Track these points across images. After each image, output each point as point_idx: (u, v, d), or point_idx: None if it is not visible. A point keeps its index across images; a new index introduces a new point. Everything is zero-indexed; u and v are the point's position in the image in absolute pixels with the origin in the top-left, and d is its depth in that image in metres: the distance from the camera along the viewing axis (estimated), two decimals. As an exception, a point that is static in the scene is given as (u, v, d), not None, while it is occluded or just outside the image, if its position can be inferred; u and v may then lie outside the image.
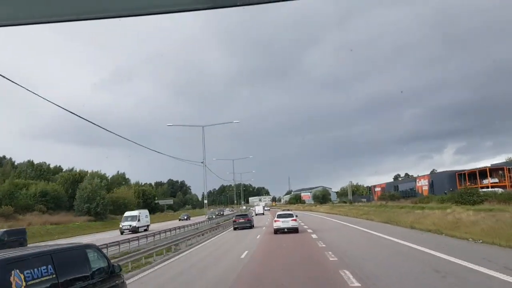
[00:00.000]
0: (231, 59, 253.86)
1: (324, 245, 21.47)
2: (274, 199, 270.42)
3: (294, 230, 29.72)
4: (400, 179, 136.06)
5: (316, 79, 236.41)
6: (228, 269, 15.79)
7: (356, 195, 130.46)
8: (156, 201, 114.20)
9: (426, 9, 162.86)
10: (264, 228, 39.73)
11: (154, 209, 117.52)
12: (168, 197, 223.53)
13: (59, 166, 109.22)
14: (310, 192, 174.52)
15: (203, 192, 69.85)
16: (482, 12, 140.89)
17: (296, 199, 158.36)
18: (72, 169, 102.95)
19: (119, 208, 79.00)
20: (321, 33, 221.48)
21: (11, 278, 5.35)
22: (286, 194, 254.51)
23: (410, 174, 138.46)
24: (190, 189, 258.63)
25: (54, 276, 6.29)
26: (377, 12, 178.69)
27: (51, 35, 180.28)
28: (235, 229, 39.43)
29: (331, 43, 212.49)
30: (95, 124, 19.02)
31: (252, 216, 47.16)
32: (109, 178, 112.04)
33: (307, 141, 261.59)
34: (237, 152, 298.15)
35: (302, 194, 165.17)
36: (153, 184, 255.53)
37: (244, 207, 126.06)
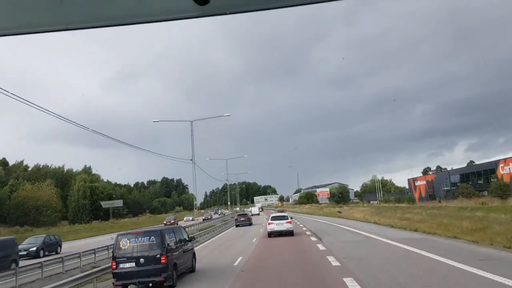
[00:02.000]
0: (238, 57, 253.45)
1: None
2: (281, 199, 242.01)
3: (289, 233, 28.77)
4: (445, 169, 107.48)
5: (324, 76, 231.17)
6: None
7: (382, 193, 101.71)
8: (113, 203, 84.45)
9: (435, 2, 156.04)
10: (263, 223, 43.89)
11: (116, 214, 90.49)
12: (162, 197, 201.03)
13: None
14: (323, 189, 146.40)
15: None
16: (495, 6, 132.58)
17: (308, 198, 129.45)
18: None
19: (27, 215, 51.24)
20: (329, 29, 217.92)
21: (166, 237, 13.66)
22: (295, 192, 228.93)
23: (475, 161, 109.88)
24: (187, 188, 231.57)
25: (174, 237, 14.94)
26: (385, 5, 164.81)
27: (61, 38, 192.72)
28: (237, 226, 47.83)
29: (339, 39, 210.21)
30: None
31: (251, 215, 58.49)
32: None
33: (316, 139, 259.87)
34: (244, 151, 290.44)
35: (318, 191, 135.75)
36: (145, 183, 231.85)
37: (238, 208, 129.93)
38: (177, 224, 55.60)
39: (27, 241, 30.04)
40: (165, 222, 61.20)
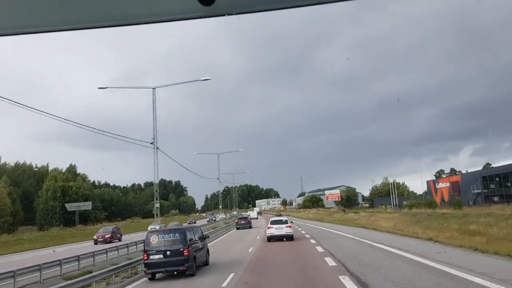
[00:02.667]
0: (243, 58, 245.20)
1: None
2: (284, 202, 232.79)
3: (289, 238, 28.17)
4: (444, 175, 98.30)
5: (330, 78, 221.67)
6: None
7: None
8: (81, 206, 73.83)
9: (442, 4, 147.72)
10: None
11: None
12: (161, 199, 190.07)
13: None
14: (332, 191, 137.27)
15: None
16: (501, 8, 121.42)
17: (313, 202, 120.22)
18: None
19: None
20: (335, 30, 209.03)
21: (187, 234, 16.42)
22: (299, 196, 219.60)
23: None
24: (186, 191, 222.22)
25: (194, 235, 17.51)
26: (392, 6, 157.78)
27: (66, 37, 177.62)
28: (237, 228, 50.41)
29: (345, 40, 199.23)
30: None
31: (255, 217, 72.99)
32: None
33: (320, 141, 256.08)
34: (245, 153, 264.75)
35: (327, 194, 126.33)
36: (142, 185, 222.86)
37: (235, 212, 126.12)
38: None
39: None
40: (150, 228, 51.20)
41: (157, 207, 42.99)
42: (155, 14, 1.40)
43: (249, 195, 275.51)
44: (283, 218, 31.83)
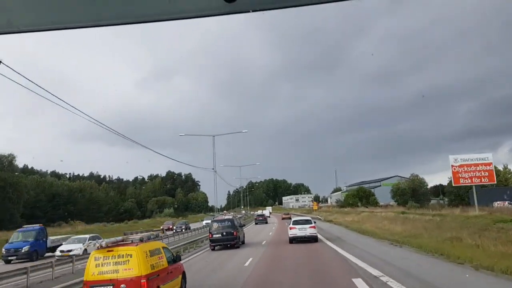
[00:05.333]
0: (274, 53, 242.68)
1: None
2: (316, 199, 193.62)
3: (312, 239, 27.15)
4: None
5: (363, 72, 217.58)
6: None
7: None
8: None
9: None
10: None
11: None
12: (162, 195, 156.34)
13: None
14: (381, 183, 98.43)
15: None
16: None
17: (361, 197, 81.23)
18: None
19: None
20: (370, 22, 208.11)
21: (235, 222, 28.86)
22: (334, 191, 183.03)
23: None
24: (198, 186, 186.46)
25: (238, 222, 31.08)
26: None
27: (95, 35, 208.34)
28: (256, 224, 63.38)
29: (381, 33, 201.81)
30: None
31: (268, 216, 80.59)
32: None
33: (352, 138, 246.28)
34: (276, 150, 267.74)
35: (383, 183, 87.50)
36: (145, 178, 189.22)
37: (244, 212, 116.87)
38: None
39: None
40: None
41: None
42: (179, 11, 1.43)
43: (274, 191, 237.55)
44: (307, 218, 31.08)
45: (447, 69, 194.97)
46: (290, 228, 27.38)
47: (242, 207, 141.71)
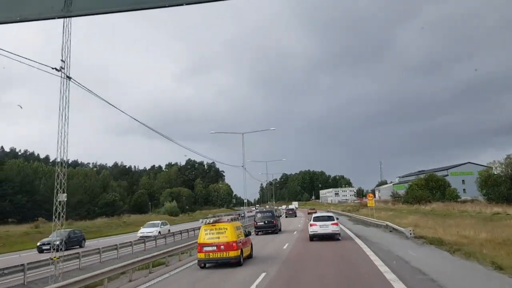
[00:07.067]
0: (313, 44, 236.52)
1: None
2: (360, 193, 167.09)
3: (335, 237, 25.08)
4: None
5: (408, 62, 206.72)
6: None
7: None
8: None
9: None
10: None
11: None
12: (177, 186, 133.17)
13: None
14: (448, 171, 72.71)
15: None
16: None
17: (432, 188, 55.38)
18: None
19: None
20: (415, 9, 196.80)
21: (275, 213, 37.35)
22: (379, 185, 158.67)
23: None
24: (223, 176, 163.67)
25: (276, 213, 40.41)
26: None
27: (131, 25, 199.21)
28: (286, 217, 66.32)
29: (426, 20, 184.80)
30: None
31: (296, 209, 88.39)
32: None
33: (394, 131, 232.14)
34: (314, 142, 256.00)
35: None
36: (163, 167, 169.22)
37: (267, 206, 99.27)
38: None
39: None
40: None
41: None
42: None
43: (311, 184, 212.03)
44: (329, 214, 28.04)
45: (495, 58, 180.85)
46: (311, 225, 25.67)
47: (268, 202, 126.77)
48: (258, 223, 33.14)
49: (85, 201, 65.55)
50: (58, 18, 1.59)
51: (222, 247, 15.63)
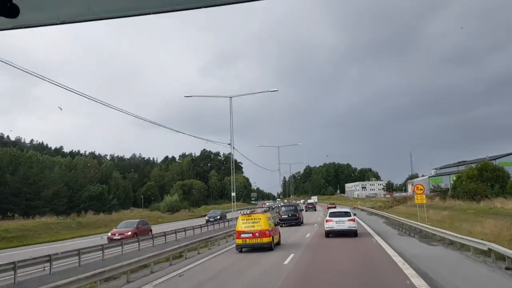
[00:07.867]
0: (341, 35, 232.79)
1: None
2: (389, 187, 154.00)
3: (351, 233, 24.49)
4: None
5: (438, 53, 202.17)
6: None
7: None
8: None
9: None
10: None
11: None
12: (190, 178, 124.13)
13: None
14: (496, 161, 59.78)
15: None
16: None
17: (489, 180, 42.89)
18: None
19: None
20: None
21: (297, 207, 41.61)
22: (410, 178, 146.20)
23: None
24: (241, 168, 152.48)
25: (299, 207, 47.27)
26: None
27: (158, 22, 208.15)
28: (306, 211, 65.23)
29: (458, 9, 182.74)
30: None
31: (316, 204, 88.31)
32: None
33: (424, 124, 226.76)
34: (341, 136, 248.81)
35: None
36: (176, 157, 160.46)
37: (286, 201, 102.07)
38: None
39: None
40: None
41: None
42: None
43: (336, 177, 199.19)
44: (346, 210, 28.09)
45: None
46: (326, 221, 25.37)
47: (291, 196, 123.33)
48: (282, 216, 36.68)
49: (63, 194, 56.45)
50: (100, 19, 1.58)
51: (257, 234, 18.99)
